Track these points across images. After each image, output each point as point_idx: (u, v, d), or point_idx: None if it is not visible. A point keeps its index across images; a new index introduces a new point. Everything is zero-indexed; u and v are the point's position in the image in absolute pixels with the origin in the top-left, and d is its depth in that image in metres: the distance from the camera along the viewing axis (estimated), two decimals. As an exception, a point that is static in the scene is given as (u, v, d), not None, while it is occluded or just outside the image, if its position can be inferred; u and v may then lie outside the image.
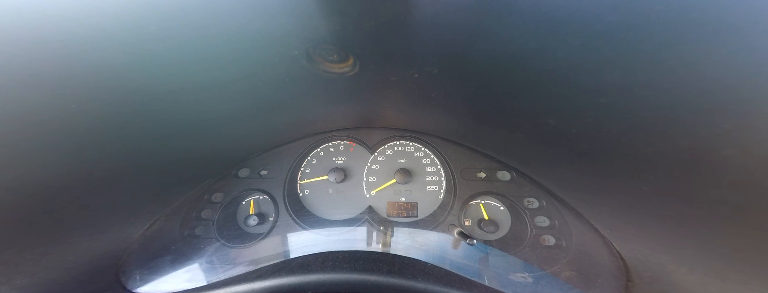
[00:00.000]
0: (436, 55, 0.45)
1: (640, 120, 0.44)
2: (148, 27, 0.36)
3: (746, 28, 0.28)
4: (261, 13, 0.35)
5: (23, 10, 0.32)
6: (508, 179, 1.02)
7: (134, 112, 0.54)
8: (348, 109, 0.87)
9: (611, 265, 0.80)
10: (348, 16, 0.36)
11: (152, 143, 0.67)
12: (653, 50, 0.33)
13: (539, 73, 0.43)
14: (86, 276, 0.76)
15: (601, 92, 0.43)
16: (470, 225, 1.01)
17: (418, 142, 1.11)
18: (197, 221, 1.05)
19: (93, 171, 0.62)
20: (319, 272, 0.80)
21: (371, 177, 1.11)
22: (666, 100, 0.38)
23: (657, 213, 0.60)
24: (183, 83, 0.51)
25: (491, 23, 0.35)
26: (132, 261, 0.87)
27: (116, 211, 0.78)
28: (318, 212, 1.10)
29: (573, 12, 0.31)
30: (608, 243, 0.83)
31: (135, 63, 0.43)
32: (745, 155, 0.38)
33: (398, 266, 0.83)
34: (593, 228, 0.86)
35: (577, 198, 0.87)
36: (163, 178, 0.85)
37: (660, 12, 0.28)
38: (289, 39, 0.41)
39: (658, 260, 0.68)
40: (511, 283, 0.84)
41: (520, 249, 0.93)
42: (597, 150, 0.59)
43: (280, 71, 0.52)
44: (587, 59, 0.37)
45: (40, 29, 0.34)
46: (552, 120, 0.56)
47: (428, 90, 0.61)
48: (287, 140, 1.13)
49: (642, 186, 0.56)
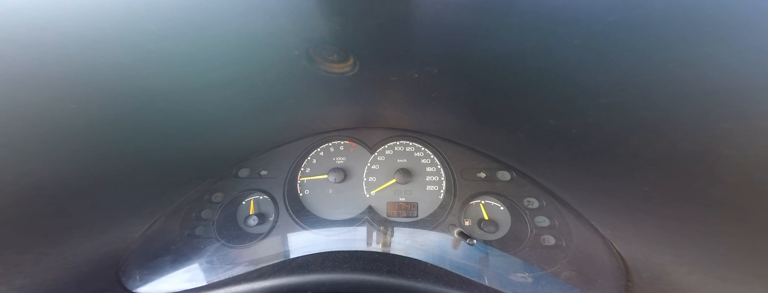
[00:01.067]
0: (436, 55, 0.45)
1: (640, 120, 0.44)
2: (148, 27, 0.36)
3: (746, 28, 0.28)
4: (261, 13, 0.35)
5: (23, 10, 0.32)
6: (508, 179, 1.02)
7: (134, 111, 0.54)
8: (348, 109, 0.87)
9: (611, 265, 0.80)
10: (348, 16, 0.36)
11: (152, 143, 0.67)
12: (653, 50, 0.33)
13: (539, 72, 0.43)
14: (86, 276, 0.76)
15: (601, 92, 0.43)
16: (470, 225, 1.01)
17: (418, 141, 1.11)
18: (197, 221, 1.05)
19: (93, 171, 0.62)
20: (319, 272, 0.80)
21: (371, 177, 1.11)
22: (665, 100, 0.38)
23: (657, 213, 0.60)
24: (183, 83, 0.51)
25: (491, 23, 0.35)
26: (132, 261, 0.87)
27: (116, 211, 0.78)
28: (318, 212, 1.10)
29: (573, 12, 0.31)
30: (608, 243, 0.83)
31: (135, 63, 0.43)
32: (745, 155, 0.38)
33: (398, 266, 0.83)
34: (593, 228, 0.86)
35: (577, 198, 0.87)
36: (163, 178, 0.85)
37: (660, 12, 0.28)
38: (289, 39, 0.41)
39: (658, 260, 0.68)
40: (511, 283, 0.84)
41: (520, 249, 0.93)
42: (597, 151, 0.59)
43: (280, 71, 0.52)
44: (587, 59, 0.37)
45: (40, 29, 0.34)
46: (552, 120, 0.56)
47: (428, 90, 0.61)
48: (287, 140, 1.13)
49: (642, 187, 0.56)
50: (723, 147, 0.39)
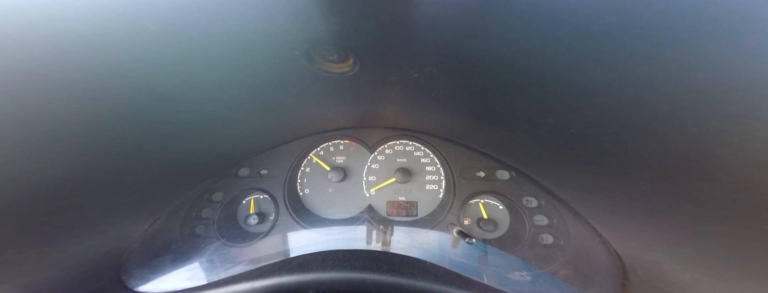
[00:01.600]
0: (435, 55, 0.45)
1: (637, 120, 0.44)
2: (148, 27, 0.36)
3: (742, 28, 0.28)
4: (261, 13, 0.35)
5: (24, 10, 0.32)
6: (507, 178, 1.02)
7: (134, 111, 0.54)
8: (348, 109, 0.87)
9: (609, 264, 0.81)
10: (348, 16, 0.36)
11: (152, 143, 0.67)
12: (651, 51, 0.33)
13: (538, 73, 0.44)
14: (87, 275, 0.76)
15: (599, 92, 0.43)
16: (469, 224, 1.02)
17: (417, 141, 1.11)
18: (198, 220, 1.05)
19: (93, 171, 0.62)
20: (319, 271, 0.81)
21: (371, 176, 1.11)
22: (662, 100, 0.38)
23: (654, 212, 0.60)
24: (183, 83, 0.51)
25: (491, 23, 0.35)
26: (133, 260, 0.87)
27: (117, 210, 0.79)
28: (318, 211, 1.10)
29: (572, 13, 0.31)
30: (606, 242, 0.83)
31: (135, 63, 0.43)
32: (740, 155, 0.38)
33: (398, 265, 0.83)
34: (591, 226, 0.86)
35: (575, 198, 0.87)
36: (163, 177, 0.85)
37: (658, 13, 0.29)
38: (289, 39, 0.41)
39: (655, 258, 0.69)
40: (509, 282, 0.84)
41: (519, 247, 0.94)
42: (595, 150, 0.59)
43: (280, 71, 0.52)
44: (585, 60, 0.37)
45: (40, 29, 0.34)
46: (551, 119, 0.57)
47: (428, 90, 0.62)
48: (287, 139, 1.13)
49: (639, 186, 0.56)
50: (719, 147, 0.39)
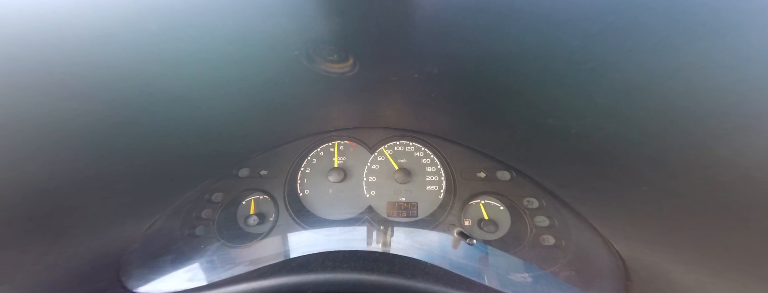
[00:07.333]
0: (435, 55, 0.45)
1: (638, 120, 0.44)
2: (148, 27, 0.36)
3: (743, 28, 0.28)
4: (261, 14, 0.35)
5: (24, 10, 0.32)
6: (507, 179, 1.02)
7: (134, 111, 0.54)
8: (348, 109, 0.87)
9: (610, 265, 0.80)
10: (348, 16, 0.36)
11: (152, 143, 0.67)
12: (650, 51, 0.33)
13: (538, 73, 0.44)
14: (87, 276, 0.76)
15: (599, 92, 0.43)
16: (470, 225, 1.01)
17: (417, 141, 1.11)
18: (197, 221, 1.05)
19: (93, 171, 0.62)
20: (319, 271, 0.80)
21: (371, 177, 1.11)
22: (662, 101, 0.38)
23: (655, 213, 0.60)
24: (183, 83, 0.51)
25: (491, 24, 0.35)
26: (132, 261, 0.87)
27: (117, 211, 0.79)
28: (318, 212, 1.10)
29: (572, 13, 0.31)
30: (607, 243, 0.83)
31: (135, 63, 0.43)
32: (741, 155, 0.38)
33: (398, 266, 0.83)
34: (592, 227, 0.86)
35: (576, 198, 0.87)
36: (163, 178, 0.85)
37: (658, 13, 0.29)
38: (289, 39, 0.41)
39: (657, 259, 0.68)
40: (510, 283, 0.84)
41: (520, 248, 0.93)
42: (596, 150, 0.59)
43: (281, 71, 0.52)
44: (585, 60, 0.37)
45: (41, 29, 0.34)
46: (551, 120, 0.57)
47: (428, 90, 0.62)
48: (287, 140, 1.13)
49: (641, 186, 0.56)
50: (719, 148, 0.39)
